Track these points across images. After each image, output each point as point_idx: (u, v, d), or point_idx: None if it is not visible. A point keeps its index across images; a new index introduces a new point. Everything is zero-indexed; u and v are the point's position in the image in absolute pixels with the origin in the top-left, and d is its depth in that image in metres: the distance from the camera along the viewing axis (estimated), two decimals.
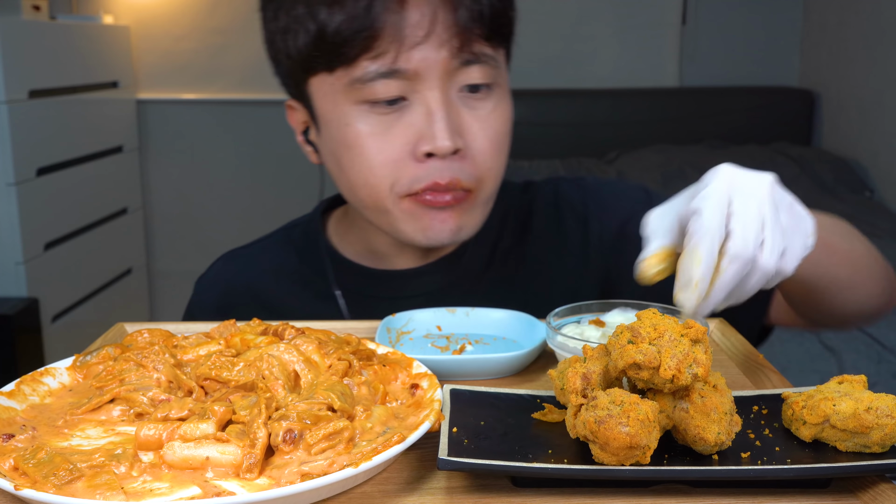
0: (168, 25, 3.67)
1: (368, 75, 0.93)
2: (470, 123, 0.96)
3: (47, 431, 0.67)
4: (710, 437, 0.61)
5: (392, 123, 0.95)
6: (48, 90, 2.89)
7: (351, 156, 0.97)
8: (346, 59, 0.93)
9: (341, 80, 0.94)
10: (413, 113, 0.95)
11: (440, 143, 0.93)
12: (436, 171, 0.95)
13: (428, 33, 0.91)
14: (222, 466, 0.60)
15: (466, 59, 0.94)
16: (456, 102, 0.96)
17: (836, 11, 3.69)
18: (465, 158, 0.96)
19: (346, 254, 1.12)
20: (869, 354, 2.17)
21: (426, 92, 0.94)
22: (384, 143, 0.95)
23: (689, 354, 0.62)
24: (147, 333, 0.82)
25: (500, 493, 0.61)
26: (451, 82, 0.95)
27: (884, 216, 3.11)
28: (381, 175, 0.96)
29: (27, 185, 2.74)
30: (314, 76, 0.97)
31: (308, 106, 1.01)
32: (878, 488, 0.60)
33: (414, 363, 0.77)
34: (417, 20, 0.91)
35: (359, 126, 0.95)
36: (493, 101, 0.98)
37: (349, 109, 0.95)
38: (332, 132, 0.98)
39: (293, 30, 0.95)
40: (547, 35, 3.86)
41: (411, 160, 0.95)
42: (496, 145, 0.98)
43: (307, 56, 0.95)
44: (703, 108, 3.81)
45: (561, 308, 0.87)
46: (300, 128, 1.06)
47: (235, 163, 3.81)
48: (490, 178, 0.99)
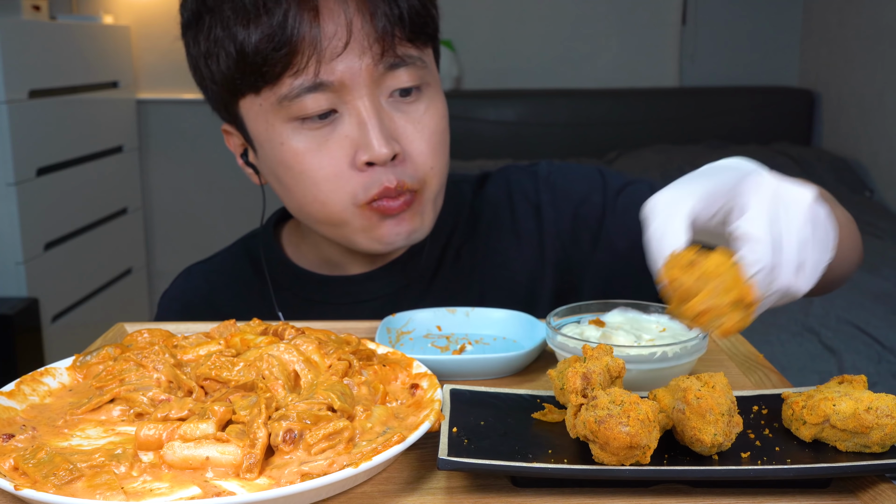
0: (168, 25, 3.67)
1: (294, 91, 0.92)
2: (404, 127, 0.96)
3: (47, 431, 0.67)
4: (707, 438, 0.61)
5: (326, 137, 0.94)
6: (48, 90, 2.89)
7: (292, 174, 0.96)
8: (269, 77, 0.92)
9: (269, 100, 0.94)
10: (345, 124, 0.94)
11: (377, 151, 0.92)
12: (382, 177, 0.94)
13: (347, 43, 0.90)
14: (222, 466, 0.60)
15: (391, 63, 0.93)
16: (387, 108, 0.95)
17: (836, 11, 3.69)
18: (406, 162, 0.96)
19: (300, 263, 1.12)
20: (869, 354, 2.17)
21: (356, 101, 0.93)
22: (322, 157, 0.94)
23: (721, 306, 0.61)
24: (147, 333, 0.82)
25: (500, 493, 0.61)
26: (380, 89, 0.94)
27: (884, 216, 3.11)
28: (328, 190, 0.95)
29: (27, 185, 2.74)
30: (242, 98, 0.96)
31: (241, 128, 1.00)
32: (878, 488, 0.60)
33: (414, 363, 0.77)
34: (334, 31, 0.90)
35: (294, 144, 0.94)
36: (425, 101, 0.98)
37: (281, 128, 0.94)
38: (268, 153, 0.98)
39: (214, 53, 0.94)
40: (547, 35, 3.86)
41: (353, 171, 0.94)
42: (433, 145, 0.98)
43: (231, 79, 0.94)
44: (702, 108, 3.81)
45: (561, 308, 0.87)
46: (238, 150, 1.05)
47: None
48: (432, 176, 0.99)
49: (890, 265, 2.56)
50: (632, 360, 0.76)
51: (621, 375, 0.68)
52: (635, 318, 0.87)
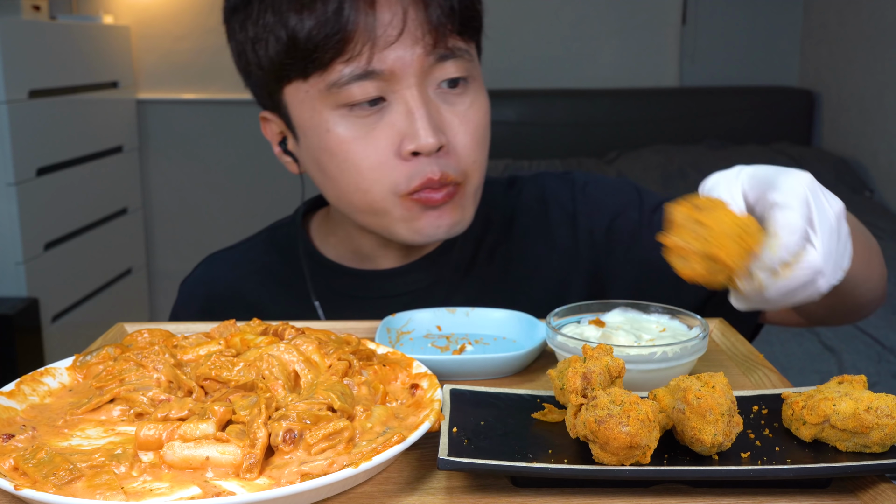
0: (168, 25, 3.67)
1: (344, 79, 0.92)
2: (450, 119, 0.96)
3: (47, 431, 0.67)
4: (707, 438, 0.61)
5: (373, 125, 0.94)
6: (48, 90, 2.89)
7: (336, 162, 0.96)
8: (319, 64, 0.92)
9: (317, 86, 0.94)
10: (393, 113, 0.94)
11: (424, 141, 0.93)
12: (426, 168, 0.95)
13: (401, 32, 0.91)
14: (222, 466, 0.60)
15: (441, 54, 0.94)
16: (434, 99, 0.96)
17: (836, 11, 3.69)
18: (450, 154, 0.96)
19: (329, 255, 1.12)
20: (869, 354, 2.17)
21: (404, 91, 0.93)
22: (368, 146, 0.94)
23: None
24: (147, 333, 0.82)
25: (500, 493, 0.61)
26: (428, 79, 0.95)
27: (884, 216, 3.11)
28: (372, 178, 0.95)
29: (27, 185, 2.74)
30: (288, 84, 0.96)
31: (283, 115, 1.00)
32: (878, 488, 0.60)
33: (414, 363, 0.77)
34: (389, 20, 0.91)
35: (340, 131, 0.95)
36: (471, 95, 0.98)
37: (328, 115, 0.94)
38: (312, 140, 0.97)
39: (263, 39, 0.94)
40: (547, 35, 3.86)
41: (398, 160, 0.95)
42: (477, 139, 0.99)
43: (280, 64, 0.94)
44: (703, 108, 3.81)
45: (561, 308, 0.87)
46: (276, 139, 1.05)
47: (235, 163, 3.81)
48: (475, 170, 0.99)
49: (890, 265, 2.56)
50: (632, 360, 0.76)
51: (621, 375, 0.68)
52: (635, 318, 0.87)
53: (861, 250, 0.88)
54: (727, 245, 0.67)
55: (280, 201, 3.72)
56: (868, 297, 0.96)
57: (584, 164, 3.58)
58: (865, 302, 0.97)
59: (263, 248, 1.16)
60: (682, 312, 0.86)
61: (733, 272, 0.68)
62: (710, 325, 0.97)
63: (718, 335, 0.95)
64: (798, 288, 0.69)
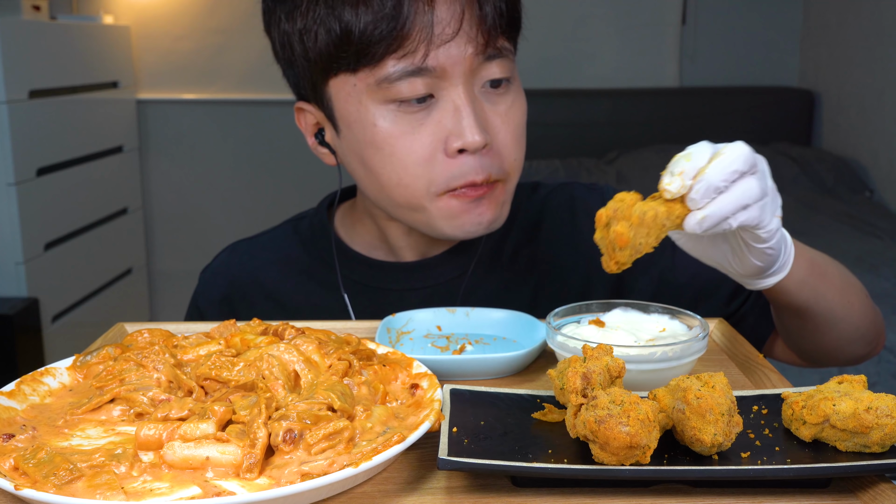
0: (168, 25, 3.67)
1: (395, 74, 0.92)
2: (493, 118, 0.97)
3: (47, 431, 0.67)
4: (707, 438, 0.61)
5: (420, 122, 0.94)
6: (48, 90, 2.89)
7: (381, 156, 0.96)
8: (371, 58, 0.92)
9: (365, 81, 0.93)
10: (441, 110, 0.94)
11: (470, 139, 0.93)
12: (470, 170, 0.95)
13: (457, 31, 0.91)
14: (222, 466, 0.60)
15: (490, 54, 0.95)
16: (480, 98, 0.96)
17: (836, 11, 3.69)
18: (492, 152, 0.97)
19: (353, 246, 1.12)
20: None
21: (451, 89, 0.94)
22: (414, 141, 0.94)
23: None
24: (147, 333, 0.82)
25: (500, 493, 0.61)
26: (475, 78, 0.95)
27: (884, 216, 3.11)
28: (415, 174, 0.95)
29: (27, 185, 2.74)
30: (334, 77, 0.96)
31: (325, 107, 1.00)
32: (878, 488, 0.60)
33: (414, 363, 0.77)
34: (447, 18, 0.91)
35: (387, 126, 0.94)
36: (512, 94, 0.99)
37: (375, 109, 0.94)
38: (356, 133, 0.97)
39: (312, 30, 0.94)
40: (547, 35, 3.86)
41: (443, 157, 0.95)
42: (517, 137, 1.00)
43: (329, 57, 0.94)
44: (703, 108, 3.81)
45: (561, 308, 0.87)
46: (312, 130, 1.05)
47: (235, 163, 3.81)
48: (515, 169, 1.00)
49: (890, 265, 2.56)
50: (632, 360, 0.76)
51: (621, 375, 0.68)
52: (635, 318, 0.87)
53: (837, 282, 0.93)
54: (639, 243, 0.73)
55: (281, 201, 3.72)
56: (851, 335, 0.98)
57: (584, 164, 3.58)
58: (848, 339, 0.98)
59: (286, 238, 1.16)
60: (682, 312, 0.86)
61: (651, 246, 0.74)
62: (710, 325, 0.97)
63: (718, 335, 0.95)
64: (724, 182, 0.71)
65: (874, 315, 1.02)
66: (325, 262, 1.11)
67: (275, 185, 3.79)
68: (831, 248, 2.95)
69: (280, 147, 3.70)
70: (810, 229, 2.89)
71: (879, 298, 2.33)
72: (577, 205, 1.15)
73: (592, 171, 3.51)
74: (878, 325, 1.04)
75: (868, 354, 1.05)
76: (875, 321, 1.02)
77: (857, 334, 0.99)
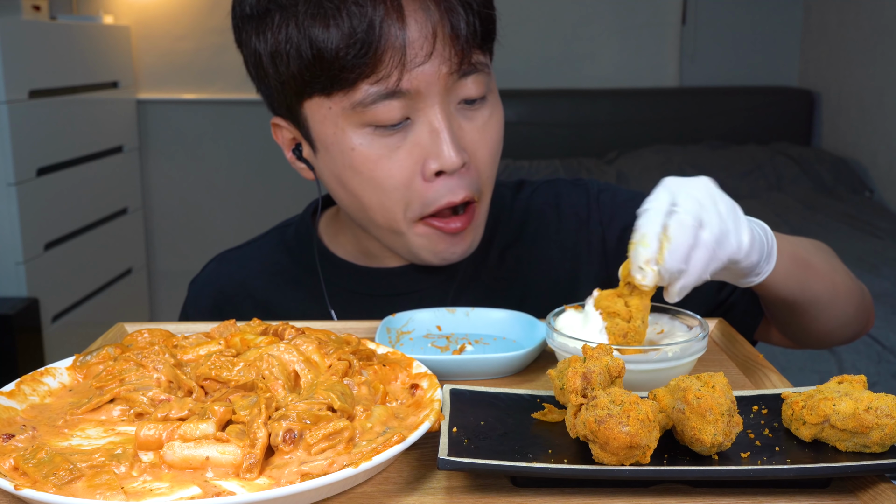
0: (168, 25, 3.67)
1: (369, 98, 0.90)
2: (470, 134, 0.96)
3: (47, 431, 0.67)
4: (707, 438, 0.61)
5: (397, 144, 0.93)
6: (48, 90, 2.89)
7: (360, 180, 0.95)
8: (344, 83, 0.90)
9: (340, 104, 0.92)
10: (417, 132, 0.93)
11: (448, 161, 0.92)
12: (447, 191, 0.94)
13: (430, 53, 0.89)
14: (222, 466, 0.60)
15: (465, 71, 0.93)
16: (456, 116, 0.95)
17: (836, 11, 3.69)
18: (469, 170, 0.96)
19: (338, 253, 1.12)
20: (869, 354, 2.17)
21: (427, 110, 0.92)
22: (392, 165, 0.93)
23: None
24: (147, 333, 0.82)
25: (500, 493, 0.61)
26: (451, 96, 0.94)
27: (884, 216, 3.11)
28: (395, 198, 0.95)
29: (27, 185, 2.74)
30: (308, 100, 0.94)
31: (301, 127, 0.98)
32: (878, 488, 0.60)
33: (414, 363, 0.77)
34: (420, 40, 0.89)
35: (365, 150, 0.93)
36: (489, 108, 0.98)
37: (352, 133, 0.93)
38: (335, 156, 0.96)
39: (283, 52, 0.91)
40: (547, 35, 3.86)
41: (420, 180, 0.94)
42: (494, 154, 0.99)
43: (301, 80, 0.92)
44: (703, 108, 3.81)
45: (561, 308, 0.87)
46: (289, 145, 1.03)
47: (235, 163, 3.81)
48: (489, 186, 1.00)
49: (890, 265, 2.56)
50: (632, 360, 0.76)
51: (621, 375, 0.68)
52: None
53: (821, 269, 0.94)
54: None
55: (280, 201, 3.72)
56: (840, 318, 1.00)
57: (584, 164, 3.58)
58: (837, 323, 1.00)
59: (273, 246, 1.16)
60: (682, 312, 0.86)
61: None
62: (710, 325, 0.97)
63: (718, 335, 0.95)
64: (687, 249, 0.74)
65: (860, 294, 1.02)
66: (312, 271, 1.11)
67: (275, 185, 3.79)
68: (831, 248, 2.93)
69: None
70: (810, 229, 2.89)
71: (879, 298, 2.34)
72: (562, 202, 1.14)
73: (592, 170, 3.51)
74: (866, 303, 1.04)
75: (859, 333, 1.06)
76: (863, 300, 1.03)
77: (846, 317, 1.00)
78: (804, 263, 0.91)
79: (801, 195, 3.35)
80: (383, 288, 1.09)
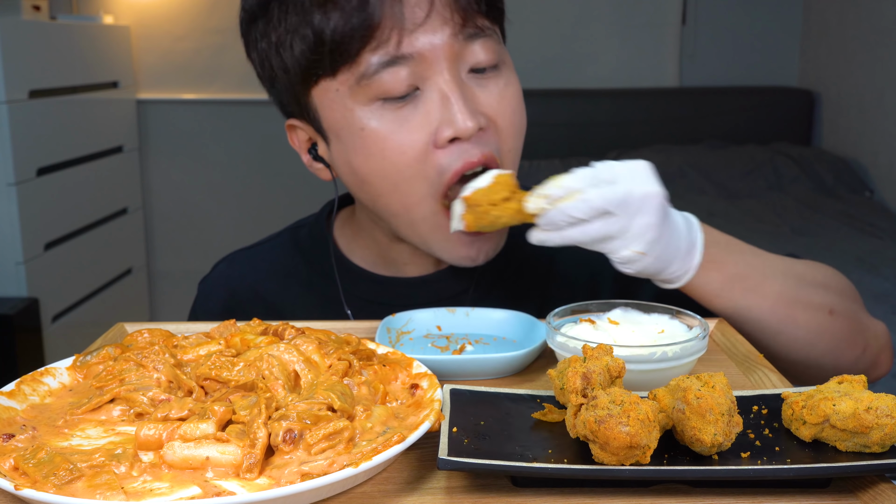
0: (168, 25, 3.67)
1: (373, 68, 0.89)
2: (487, 99, 0.93)
3: (47, 431, 0.67)
4: (707, 438, 0.61)
5: (408, 116, 0.91)
6: (48, 90, 2.89)
7: (372, 161, 0.93)
8: (347, 56, 0.89)
9: (346, 83, 0.91)
10: (427, 101, 0.91)
11: (462, 125, 0.89)
12: (464, 151, 0.91)
13: (428, 13, 0.88)
14: (222, 466, 0.60)
15: (470, 34, 0.91)
16: (469, 83, 0.93)
17: (836, 11, 3.69)
18: (488, 133, 0.93)
19: (354, 259, 1.09)
20: None
21: (436, 77, 0.90)
22: (404, 139, 0.91)
23: None
24: (147, 333, 0.82)
25: (500, 493, 0.61)
26: (460, 63, 0.92)
27: (884, 216, 3.11)
28: (409, 176, 0.92)
29: (27, 185, 2.74)
30: (316, 86, 0.93)
31: (312, 120, 0.97)
32: (878, 488, 0.60)
33: (414, 363, 0.77)
34: (416, 1, 0.88)
35: (374, 126, 0.91)
36: (504, 77, 0.95)
37: (360, 112, 0.91)
38: (346, 141, 0.94)
39: (287, 42, 0.92)
40: (547, 35, 3.86)
41: (435, 150, 0.91)
42: (517, 124, 0.96)
43: (307, 64, 0.91)
44: (703, 108, 3.81)
45: (561, 308, 0.87)
46: (305, 146, 1.02)
47: (235, 163, 3.81)
48: (513, 159, 0.96)
49: (890, 265, 2.56)
50: (632, 360, 0.76)
51: (621, 375, 0.68)
52: (635, 318, 0.87)
53: (773, 297, 0.93)
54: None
55: (281, 201, 3.72)
56: (794, 348, 0.96)
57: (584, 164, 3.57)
58: (790, 351, 0.96)
59: (285, 248, 1.14)
60: (682, 312, 0.86)
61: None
62: (710, 325, 0.97)
63: (718, 335, 0.95)
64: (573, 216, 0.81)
65: (844, 332, 0.97)
66: (325, 275, 1.09)
67: (275, 185, 3.79)
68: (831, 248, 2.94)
69: (280, 147, 3.70)
70: (810, 229, 2.89)
71: (879, 298, 2.34)
72: None
73: None
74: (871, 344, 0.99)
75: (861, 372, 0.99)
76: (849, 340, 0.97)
77: (817, 351, 0.96)
78: (749, 286, 0.91)
79: (801, 195, 3.35)
80: (398, 298, 1.06)
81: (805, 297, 0.95)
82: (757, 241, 1.05)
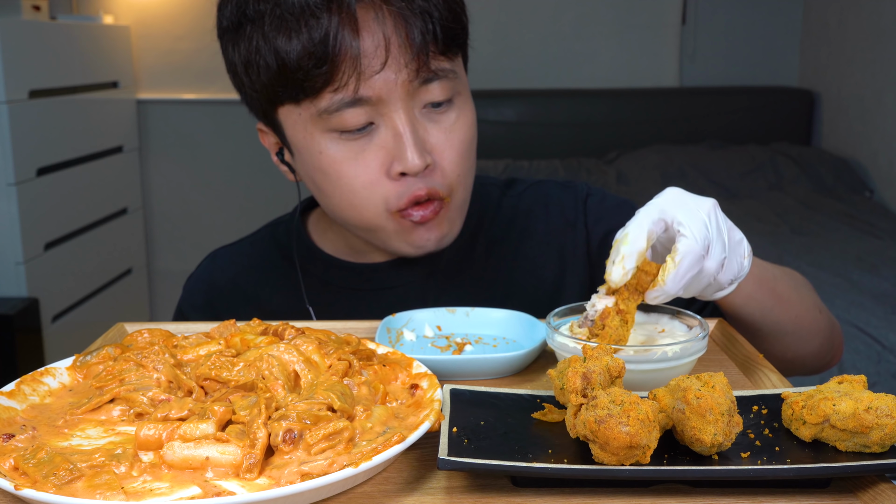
0: (168, 25, 3.67)
1: (334, 106, 0.94)
2: (436, 137, 0.99)
3: (47, 431, 0.67)
4: (707, 438, 0.61)
5: (363, 147, 0.97)
6: (48, 90, 2.89)
7: (330, 181, 1.00)
8: (309, 91, 0.94)
9: (308, 111, 0.96)
10: (382, 135, 0.97)
11: (411, 163, 0.95)
12: (412, 186, 0.98)
13: (385, 62, 0.93)
14: (222, 466, 0.60)
15: (426, 77, 0.96)
16: (421, 119, 0.98)
17: (836, 11, 3.69)
18: (436, 171, 0.99)
19: (326, 249, 1.15)
20: (869, 354, 2.17)
21: (391, 114, 0.96)
22: (359, 166, 0.97)
23: None
24: (147, 333, 0.82)
25: (500, 493, 0.61)
26: (414, 101, 0.97)
27: (884, 216, 3.11)
28: (364, 197, 0.99)
29: (27, 185, 2.74)
30: (281, 107, 0.99)
31: (278, 132, 1.03)
32: (878, 488, 0.60)
33: (414, 363, 0.77)
34: (373, 49, 0.92)
35: (332, 153, 0.98)
36: (456, 111, 1.00)
37: (320, 138, 0.97)
38: (306, 159, 1.01)
39: (255, 63, 0.97)
40: (547, 35, 3.86)
41: (387, 179, 0.98)
42: (462, 154, 1.01)
43: (272, 89, 0.97)
44: (703, 108, 3.81)
45: (561, 308, 0.87)
46: (274, 149, 1.08)
47: (235, 163, 3.81)
48: (460, 184, 1.02)
49: (890, 265, 2.56)
50: (632, 360, 0.76)
51: (621, 375, 0.68)
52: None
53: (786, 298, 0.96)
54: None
55: (279, 201, 3.72)
56: (798, 349, 1.01)
57: (584, 164, 3.58)
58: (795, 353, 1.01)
59: (265, 244, 1.19)
60: (682, 312, 0.86)
61: None
62: (710, 325, 0.97)
63: (718, 335, 0.95)
64: (692, 277, 0.77)
65: (829, 330, 1.04)
66: (303, 268, 1.14)
67: (274, 185, 3.78)
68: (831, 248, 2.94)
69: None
70: (810, 229, 2.89)
71: (879, 298, 2.34)
72: (550, 203, 1.17)
73: (592, 170, 3.51)
74: (834, 340, 1.06)
75: (821, 368, 1.08)
76: (830, 336, 1.04)
77: (807, 350, 1.02)
78: (770, 288, 0.94)
79: (801, 195, 3.35)
80: (367, 283, 1.12)
81: (804, 300, 1.00)
82: (757, 241, 1.06)
